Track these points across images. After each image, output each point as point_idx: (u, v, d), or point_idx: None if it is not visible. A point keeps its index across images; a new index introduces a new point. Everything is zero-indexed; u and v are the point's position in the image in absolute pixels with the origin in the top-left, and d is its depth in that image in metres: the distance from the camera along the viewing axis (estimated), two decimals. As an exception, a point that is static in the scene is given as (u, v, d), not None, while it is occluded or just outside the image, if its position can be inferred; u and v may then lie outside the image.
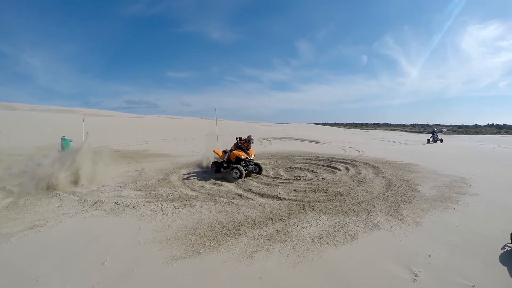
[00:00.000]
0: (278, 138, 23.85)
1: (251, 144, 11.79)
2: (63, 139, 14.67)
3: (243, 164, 11.21)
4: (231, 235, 6.02)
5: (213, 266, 4.89)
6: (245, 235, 5.98)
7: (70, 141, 14.66)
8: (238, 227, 6.37)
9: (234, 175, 10.68)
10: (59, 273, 4.84)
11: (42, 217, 7.28)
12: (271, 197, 8.43)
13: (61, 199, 8.72)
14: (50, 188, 9.51)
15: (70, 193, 9.26)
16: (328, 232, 6.08)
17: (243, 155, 11.31)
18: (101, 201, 8.37)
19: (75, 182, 10.23)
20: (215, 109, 14.81)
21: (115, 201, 8.40)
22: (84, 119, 14.64)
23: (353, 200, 8.05)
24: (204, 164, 13.36)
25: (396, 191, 9.01)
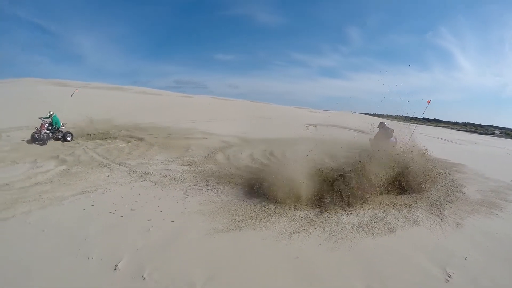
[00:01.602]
0: (324, 125, 23.74)
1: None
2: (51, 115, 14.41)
3: None
4: (272, 214, 6.45)
5: (252, 242, 5.36)
6: (286, 216, 6.39)
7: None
8: (280, 207, 6.77)
9: None
10: (106, 235, 5.59)
11: (93, 184, 8.22)
12: (316, 181, 8.62)
13: (111, 169, 9.70)
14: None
15: (119, 164, 10.24)
16: (367, 222, 6.31)
17: None
18: (149, 173, 9.20)
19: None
20: None
21: (162, 174, 9.18)
22: (73, 93, 15.45)
23: (396, 194, 8.12)
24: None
25: (440, 190, 8.89)
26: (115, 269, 4.55)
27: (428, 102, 12.06)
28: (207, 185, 8.29)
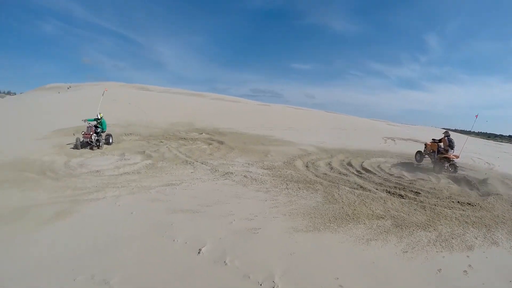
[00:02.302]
0: (403, 139, 22.87)
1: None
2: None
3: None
4: (350, 220, 6.44)
5: (330, 244, 5.41)
6: (364, 223, 6.34)
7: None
8: (358, 215, 6.74)
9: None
10: (191, 223, 6.00)
11: (178, 178, 8.87)
12: (393, 194, 8.56)
13: (195, 167, 10.41)
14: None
15: (202, 163, 10.97)
16: (445, 237, 6.03)
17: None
18: (231, 173, 9.69)
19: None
20: None
21: (243, 174, 9.59)
22: (103, 92, 15.97)
23: (476, 213, 7.59)
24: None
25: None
26: (198, 252, 4.85)
27: (476, 116, 14.05)
28: (286, 188, 8.42)
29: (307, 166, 11.50)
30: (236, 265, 4.56)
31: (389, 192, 8.64)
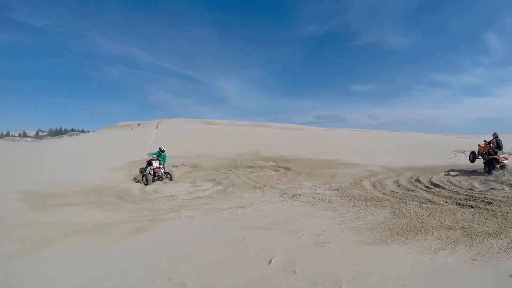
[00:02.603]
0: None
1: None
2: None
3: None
4: (418, 233, 6.38)
5: (397, 254, 5.45)
6: (432, 235, 6.25)
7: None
8: (426, 227, 6.65)
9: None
10: (261, 237, 6.42)
11: (248, 201, 9.41)
12: (463, 205, 8.29)
13: (264, 191, 10.97)
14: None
15: (271, 187, 11.49)
16: None
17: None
18: (299, 195, 10.02)
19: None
20: None
21: (311, 196, 9.86)
22: (158, 125, 16.62)
23: None
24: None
25: None
26: (269, 262, 5.17)
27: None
28: (354, 206, 8.51)
29: (374, 186, 11.44)
30: (304, 273, 4.78)
31: (458, 204, 8.38)
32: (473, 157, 14.68)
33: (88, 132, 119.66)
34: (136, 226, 7.38)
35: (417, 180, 11.97)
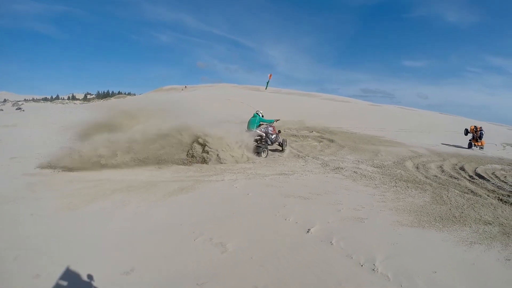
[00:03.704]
0: None
1: None
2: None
3: None
4: (456, 222, 6.32)
5: (432, 240, 5.48)
6: (470, 227, 6.16)
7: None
8: (465, 218, 6.55)
9: None
10: (302, 206, 6.64)
11: (290, 169, 9.69)
12: (505, 202, 7.96)
13: (306, 160, 11.20)
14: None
15: (313, 158, 11.73)
16: None
17: None
18: (342, 168, 10.13)
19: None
20: None
21: (354, 170, 9.94)
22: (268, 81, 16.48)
23: None
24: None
25: None
26: (307, 231, 5.40)
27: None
28: (395, 186, 8.50)
29: (417, 168, 11.29)
30: (341, 245, 4.98)
31: (501, 199, 8.11)
32: None
33: (135, 95, 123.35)
34: (180, 185, 7.81)
35: (462, 168, 11.67)
